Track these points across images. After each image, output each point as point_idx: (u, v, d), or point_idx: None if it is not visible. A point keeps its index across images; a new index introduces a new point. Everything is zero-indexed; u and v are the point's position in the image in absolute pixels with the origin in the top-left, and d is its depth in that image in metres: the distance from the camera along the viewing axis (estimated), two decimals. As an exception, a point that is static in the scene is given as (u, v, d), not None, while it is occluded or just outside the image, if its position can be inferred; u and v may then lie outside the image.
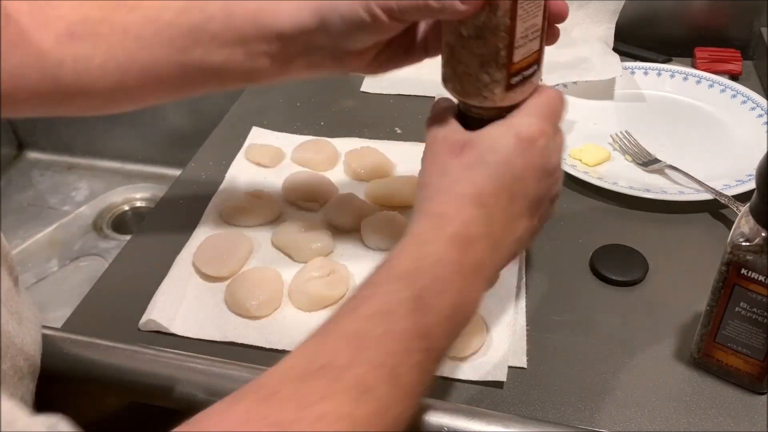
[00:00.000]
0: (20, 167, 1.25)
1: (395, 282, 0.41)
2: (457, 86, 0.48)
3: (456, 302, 0.42)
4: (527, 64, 0.47)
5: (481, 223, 0.44)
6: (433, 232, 0.43)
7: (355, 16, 0.47)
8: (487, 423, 0.47)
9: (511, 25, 0.44)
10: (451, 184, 0.45)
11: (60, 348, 0.54)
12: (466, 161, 0.45)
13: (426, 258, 0.42)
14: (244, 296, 0.59)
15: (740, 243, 0.47)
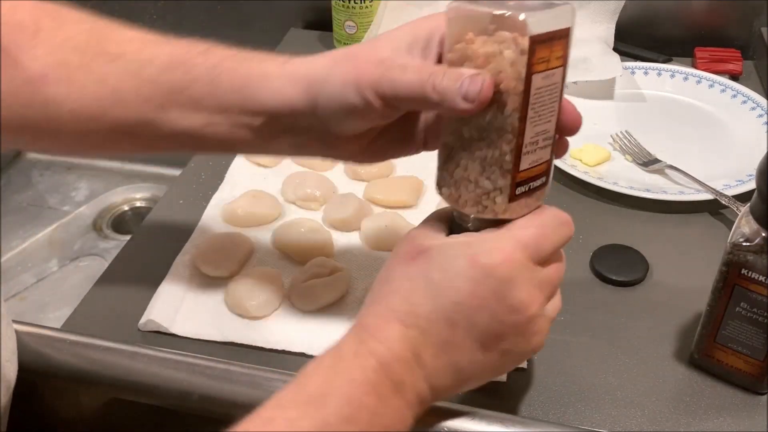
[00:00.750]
0: (20, 167, 1.25)
1: (301, 407, 0.38)
2: (454, 193, 0.43)
3: (368, 427, 0.38)
4: (535, 174, 0.42)
5: (405, 345, 0.40)
6: (353, 346, 0.40)
7: (345, 98, 0.43)
8: (487, 423, 0.47)
9: (521, 127, 0.40)
10: (386, 295, 0.42)
11: (60, 348, 0.54)
12: (411, 273, 0.42)
13: (338, 376, 0.39)
14: (244, 296, 0.59)
15: (740, 243, 0.47)
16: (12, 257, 1.04)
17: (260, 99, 0.46)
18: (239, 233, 0.68)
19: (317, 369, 0.40)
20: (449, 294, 0.41)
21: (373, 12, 0.96)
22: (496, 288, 0.41)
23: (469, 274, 0.40)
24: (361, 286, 0.62)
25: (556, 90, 0.42)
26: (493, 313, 0.41)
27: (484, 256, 0.41)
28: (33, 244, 1.07)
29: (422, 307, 0.41)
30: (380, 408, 0.39)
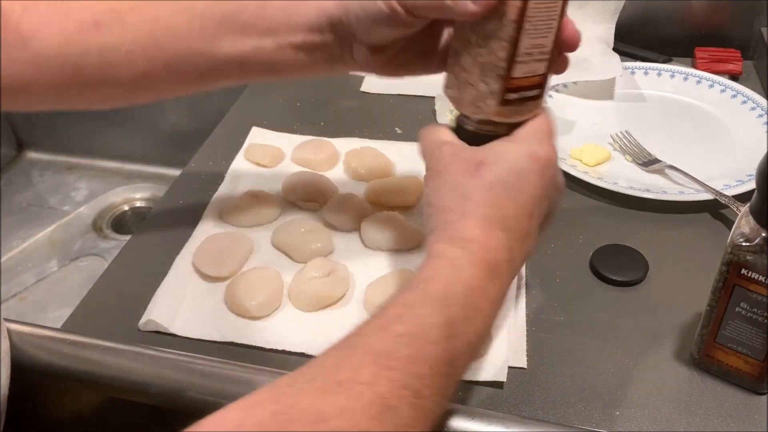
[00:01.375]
0: (20, 167, 1.25)
1: (428, 305, 0.41)
2: (456, 93, 0.48)
3: (482, 330, 0.43)
4: (528, 85, 0.46)
5: (506, 248, 0.44)
6: (465, 258, 0.43)
7: (375, 8, 0.47)
8: (487, 423, 0.47)
9: (515, 36, 0.43)
10: (474, 207, 0.45)
11: (60, 348, 0.54)
12: (486, 182, 0.45)
13: (459, 284, 0.42)
14: (244, 296, 0.59)
15: (740, 243, 0.47)
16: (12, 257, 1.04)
17: (303, 15, 0.50)
18: (239, 233, 0.68)
19: (436, 277, 0.42)
20: (525, 189, 0.45)
21: (373, 12, 0.96)
22: (552, 175, 0.47)
23: (533, 168, 0.45)
24: (361, 286, 0.62)
25: (556, 8, 0.45)
26: (550, 196, 0.48)
27: (540, 151, 0.46)
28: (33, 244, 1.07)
29: (509, 209, 0.45)
30: (491, 311, 0.43)
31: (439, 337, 0.39)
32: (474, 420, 0.47)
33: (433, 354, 0.39)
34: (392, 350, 0.38)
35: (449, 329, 0.40)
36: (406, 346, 0.38)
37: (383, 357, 0.38)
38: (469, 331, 0.41)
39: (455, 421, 0.47)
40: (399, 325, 0.39)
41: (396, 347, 0.38)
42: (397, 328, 0.39)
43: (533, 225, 0.47)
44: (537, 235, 0.48)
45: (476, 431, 0.46)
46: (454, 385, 0.41)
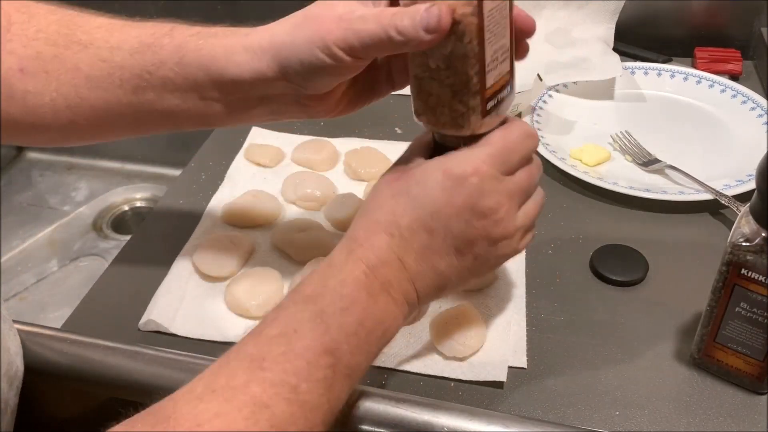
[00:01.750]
0: (20, 167, 1.25)
1: (300, 303, 0.42)
2: (432, 118, 0.46)
3: (362, 319, 0.42)
4: (500, 87, 0.45)
5: (390, 251, 0.44)
6: (343, 256, 0.44)
7: (315, 60, 0.44)
8: (487, 423, 0.47)
9: (480, 50, 0.42)
10: (372, 211, 0.46)
11: (60, 348, 0.54)
12: (394, 190, 0.46)
13: (331, 279, 0.43)
14: (244, 296, 0.59)
15: (740, 243, 0.47)
16: (12, 257, 1.04)
17: (229, 74, 0.47)
18: (239, 233, 0.68)
19: (311, 277, 0.44)
20: (427, 204, 0.45)
21: (373, 12, 0.96)
22: (467, 196, 0.44)
23: (444, 184, 0.44)
24: (361, 286, 0.62)
25: (506, 6, 0.44)
26: (466, 219, 0.45)
27: (456, 167, 0.45)
28: (33, 244, 1.07)
29: (404, 218, 0.45)
30: (371, 303, 0.43)
31: (311, 330, 0.41)
32: (474, 420, 0.47)
33: (306, 347, 0.40)
34: (265, 352, 0.40)
35: (321, 320, 0.41)
36: (279, 345, 0.40)
37: (257, 360, 0.39)
38: (345, 320, 0.42)
39: (455, 421, 0.47)
40: (271, 328, 0.41)
41: (269, 348, 0.40)
42: (269, 330, 0.41)
43: (436, 243, 0.45)
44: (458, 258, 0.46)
45: (476, 431, 0.46)
46: (343, 377, 0.41)
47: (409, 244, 0.45)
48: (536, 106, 0.85)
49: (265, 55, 0.46)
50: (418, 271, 0.45)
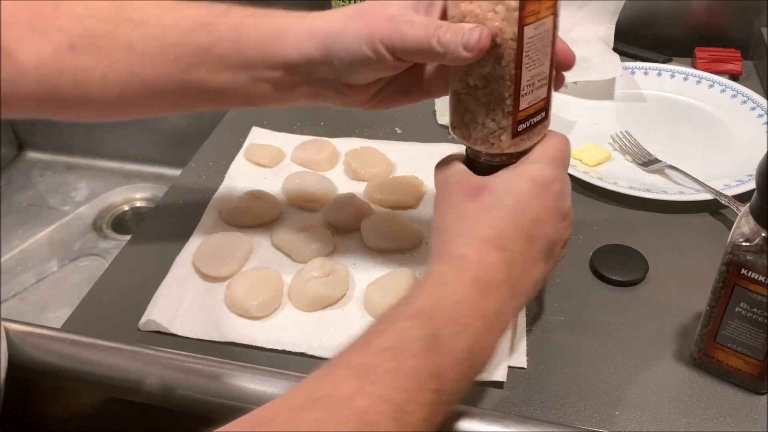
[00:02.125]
0: (20, 167, 1.25)
1: (410, 319, 0.40)
2: (465, 133, 0.48)
3: (472, 346, 0.41)
4: (534, 111, 0.47)
5: (501, 268, 0.44)
6: (454, 275, 0.43)
7: (359, 51, 0.46)
8: (487, 423, 0.47)
9: (516, 74, 0.44)
10: (470, 227, 0.45)
11: (60, 348, 0.54)
12: (484, 205, 0.45)
13: (445, 298, 0.41)
14: (244, 296, 0.59)
15: (740, 243, 0.47)
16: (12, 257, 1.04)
17: (281, 53, 0.49)
18: (239, 233, 0.68)
19: (421, 292, 0.42)
20: (526, 212, 0.45)
21: (373, 12, 0.96)
22: (555, 200, 0.46)
23: (534, 191, 0.45)
24: (361, 286, 0.62)
25: (548, 36, 0.46)
26: (554, 222, 0.47)
27: (540, 175, 0.46)
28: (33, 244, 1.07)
29: (507, 230, 0.44)
30: (483, 330, 0.42)
31: (422, 350, 0.39)
32: (474, 420, 0.47)
33: (415, 366, 0.38)
34: (373, 364, 0.38)
35: (433, 342, 0.39)
36: (388, 360, 0.38)
37: (364, 371, 0.37)
38: (457, 346, 0.40)
39: (456, 421, 0.47)
40: (380, 339, 0.39)
41: (377, 360, 0.38)
42: (378, 342, 0.39)
43: (536, 249, 0.46)
44: (544, 264, 0.47)
45: (476, 431, 0.46)
46: (444, 403, 0.40)
47: (514, 257, 0.44)
48: (536, 106, 0.85)
49: (316, 39, 0.48)
50: (520, 284, 0.45)
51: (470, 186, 0.47)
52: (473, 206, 0.45)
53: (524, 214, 0.45)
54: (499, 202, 0.45)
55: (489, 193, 0.46)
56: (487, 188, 0.46)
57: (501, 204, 0.45)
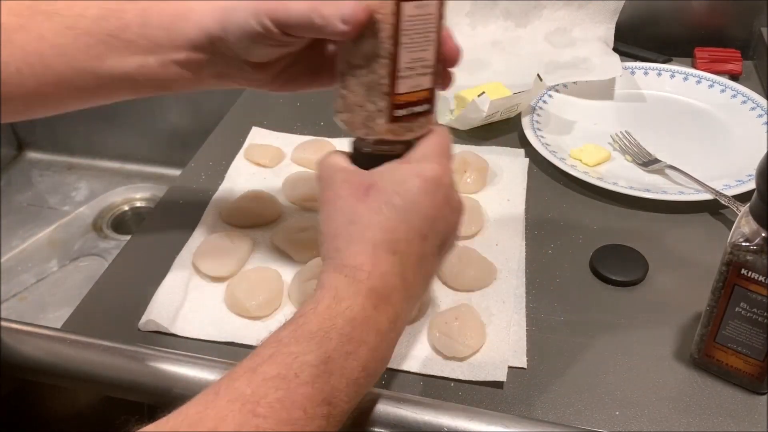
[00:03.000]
0: (20, 167, 1.25)
1: (303, 342, 0.39)
2: (347, 116, 0.48)
3: (366, 363, 0.41)
4: (416, 100, 0.46)
5: (396, 272, 0.43)
6: (349, 288, 0.42)
7: (248, 26, 0.47)
8: (487, 423, 0.47)
9: (394, 51, 0.44)
10: (362, 232, 0.43)
11: (60, 348, 0.54)
12: (374, 206, 0.44)
13: (340, 316, 0.40)
14: (244, 296, 0.59)
15: (740, 243, 0.47)
16: (12, 257, 1.04)
17: (185, 32, 0.50)
18: (239, 233, 0.68)
19: (315, 309, 0.41)
20: (416, 211, 0.44)
21: (373, 12, 0.96)
22: (445, 195, 0.46)
23: (424, 189, 0.45)
24: (361, 286, 0.62)
25: (432, 20, 0.45)
26: (445, 215, 0.46)
27: (429, 170, 0.45)
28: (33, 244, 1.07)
29: (399, 231, 0.44)
30: (378, 343, 0.42)
31: (313, 377, 0.38)
32: (474, 420, 0.47)
33: (306, 395, 0.37)
34: (260, 394, 0.36)
35: (325, 366, 0.38)
36: (276, 389, 0.37)
37: (250, 403, 0.36)
38: (351, 366, 0.40)
39: (455, 421, 0.47)
40: (269, 366, 0.38)
41: (265, 391, 0.37)
42: (267, 369, 0.38)
43: (428, 247, 0.45)
44: (437, 258, 0.47)
45: (476, 431, 0.46)
46: (335, 424, 0.39)
47: (408, 258, 0.44)
48: (536, 106, 0.85)
49: (215, 14, 0.49)
50: (414, 284, 0.45)
51: (358, 185, 0.45)
52: (363, 208, 0.44)
53: (415, 213, 0.44)
54: (389, 202, 0.44)
55: (378, 193, 0.44)
56: (375, 188, 0.45)
57: (391, 204, 0.44)
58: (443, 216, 0.46)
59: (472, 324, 0.56)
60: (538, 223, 0.69)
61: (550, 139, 0.80)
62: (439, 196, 0.45)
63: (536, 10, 0.98)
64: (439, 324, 0.56)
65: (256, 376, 0.37)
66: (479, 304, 0.59)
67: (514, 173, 0.76)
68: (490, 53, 0.97)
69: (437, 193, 0.45)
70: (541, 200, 0.72)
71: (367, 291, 0.42)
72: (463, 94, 0.83)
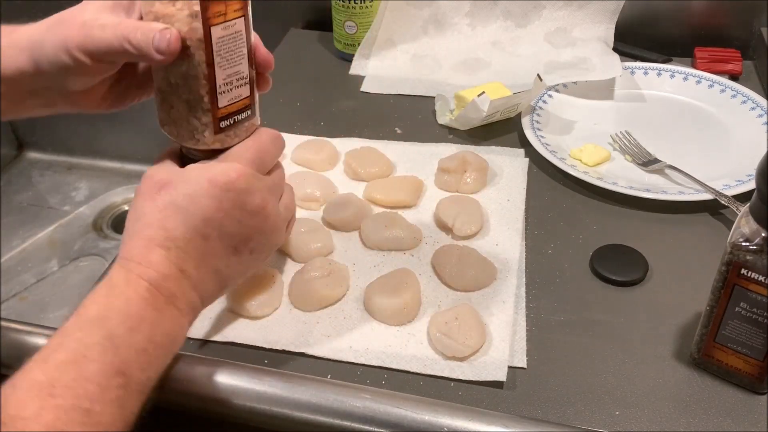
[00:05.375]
0: (20, 167, 1.25)
1: (86, 327, 0.43)
2: (173, 129, 0.50)
3: (151, 335, 0.44)
4: (237, 109, 0.50)
5: (169, 264, 0.46)
6: (122, 275, 0.45)
7: (59, 60, 0.48)
8: (487, 423, 0.47)
9: (209, 73, 0.47)
10: (142, 229, 0.47)
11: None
12: (160, 204, 0.47)
13: (116, 299, 0.44)
14: (244, 296, 0.59)
15: (740, 243, 0.47)
16: (12, 257, 1.04)
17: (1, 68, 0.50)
18: (239, 233, 0.68)
19: (93, 299, 0.44)
20: (197, 213, 0.47)
21: (373, 12, 0.96)
22: (236, 199, 0.48)
23: (211, 192, 0.47)
24: (361, 286, 0.62)
25: (241, 37, 0.48)
26: (238, 220, 0.49)
27: (221, 175, 0.48)
28: (33, 244, 1.07)
29: (177, 230, 0.47)
30: (158, 318, 0.45)
31: (101, 354, 0.41)
32: (474, 420, 0.47)
33: (97, 371, 0.41)
34: (55, 379, 0.40)
35: (110, 342, 0.42)
36: (68, 372, 0.40)
37: (46, 387, 0.39)
38: (135, 339, 0.43)
39: (455, 421, 0.47)
40: (59, 353, 0.41)
41: (58, 375, 0.40)
42: (57, 356, 0.41)
43: (215, 245, 0.48)
44: (237, 255, 0.50)
45: (476, 431, 0.46)
46: (135, 392, 0.43)
47: (186, 254, 0.47)
48: (536, 106, 0.85)
49: (24, 53, 0.50)
50: (199, 277, 0.48)
51: (157, 182, 0.48)
52: (151, 205, 0.47)
53: (196, 214, 0.47)
54: (173, 201, 0.47)
55: (167, 193, 0.47)
56: (167, 187, 0.48)
57: (175, 204, 0.47)
58: (233, 218, 0.48)
59: (472, 324, 0.56)
60: (538, 223, 0.69)
61: (550, 139, 0.80)
62: (227, 200, 0.48)
63: (536, 10, 0.99)
64: (439, 324, 0.56)
65: (48, 364, 0.41)
66: (479, 304, 0.59)
67: (514, 173, 0.76)
68: (490, 53, 0.97)
69: (225, 196, 0.48)
70: (541, 200, 0.72)
71: (136, 277, 0.45)
72: (463, 94, 0.83)
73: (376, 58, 0.98)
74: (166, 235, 0.47)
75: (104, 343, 0.42)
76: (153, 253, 0.46)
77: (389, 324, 0.58)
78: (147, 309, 0.44)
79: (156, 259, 0.46)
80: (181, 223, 0.47)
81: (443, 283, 0.62)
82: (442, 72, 0.96)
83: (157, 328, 0.45)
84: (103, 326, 0.42)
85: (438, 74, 0.95)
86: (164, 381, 0.52)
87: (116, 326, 0.43)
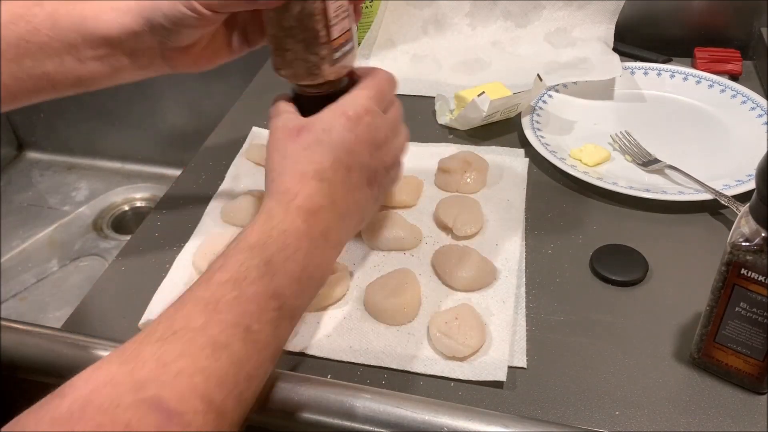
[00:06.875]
0: (20, 167, 1.25)
1: (245, 252, 0.46)
2: (290, 71, 0.54)
3: (305, 265, 0.47)
4: (344, 41, 0.53)
5: (323, 195, 0.49)
6: (280, 207, 0.48)
7: (178, 12, 0.50)
8: (487, 423, 0.47)
9: (323, 7, 0.50)
10: (293, 165, 0.50)
11: (60, 348, 0.54)
12: (304, 143, 0.50)
13: (274, 229, 0.47)
14: (244, 296, 0.59)
15: (740, 243, 0.47)
16: (12, 257, 1.04)
17: (100, 30, 0.53)
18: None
19: (253, 228, 0.47)
20: (340, 146, 0.50)
21: (374, 12, 0.96)
22: (367, 133, 0.52)
23: (347, 126, 0.51)
24: (361, 286, 0.62)
25: None
26: (370, 152, 0.52)
27: (351, 110, 0.51)
28: (33, 244, 1.07)
29: (325, 162, 0.50)
30: (312, 249, 0.48)
31: (259, 277, 0.44)
32: (474, 420, 0.47)
33: (256, 292, 0.44)
34: (218, 296, 0.43)
35: (267, 268, 0.45)
36: (230, 291, 0.43)
37: (210, 303, 0.43)
38: (290, 267, 0.46)
39: (455, 421, 0.47)
40: (221, 274, 0.44)
41: (221, 292, 0.43)
42: (219, 276, 0.44)
43: (355, 177, 0.51)
44: (369, 188, 0.53)
45: (476, 431, 0.46)
46: (287, 317, 0.46)
47: (335, 185, 0.50)
48: (536, 106, 0.85)
49: (132, 12, 0.52)
50: (347, 209, 0.51)
51: (293, 128, 0.51)
52: (294, 146, 0.50)
53: (340, 147, 0.50)
54: (317, 139, 0.50)
55: (308, 132, 0.51)
56: (306, 128, 0.51)
57: (319, 141, 0.50)
58: (366, 150, 0.52)
59: (472, 324, 0.56)
60: (538, 223, 0.69)
61: (550, 139, 0.80)
62: (360, 132, 0.51)
63: (536, 11, 0.99)
64: (439, 324, 0.56)
65: (212, 283, 0.44)
66: (479, 304, 0.59)
67: (514, 173, 0.76)
68: (490, 53, 0.98)
69: (358, 129, 0.51)
70: (541, 200, 0.72)
71: (295, 209, 0.48)
72: (463, 94, 0.83)
73: (376, 58, 0.98)
74: (317, 168, 0.49)
75: (262, 268, 0.45)
76: (307, 186, 0.49)
77: (389, 324, 0.58)
78: (303, 239, 0.47)
79: (310, 191, 0.49)
80: (328, 155, 0.50)
81: (443, 283, 0.62)
82: (442, 72, 0.96)
83: (309, 259, 0.47)
84: (262, 253, 0.45)
85: (438, 74, 0.95)
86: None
87: (274, 254, 0.45)
